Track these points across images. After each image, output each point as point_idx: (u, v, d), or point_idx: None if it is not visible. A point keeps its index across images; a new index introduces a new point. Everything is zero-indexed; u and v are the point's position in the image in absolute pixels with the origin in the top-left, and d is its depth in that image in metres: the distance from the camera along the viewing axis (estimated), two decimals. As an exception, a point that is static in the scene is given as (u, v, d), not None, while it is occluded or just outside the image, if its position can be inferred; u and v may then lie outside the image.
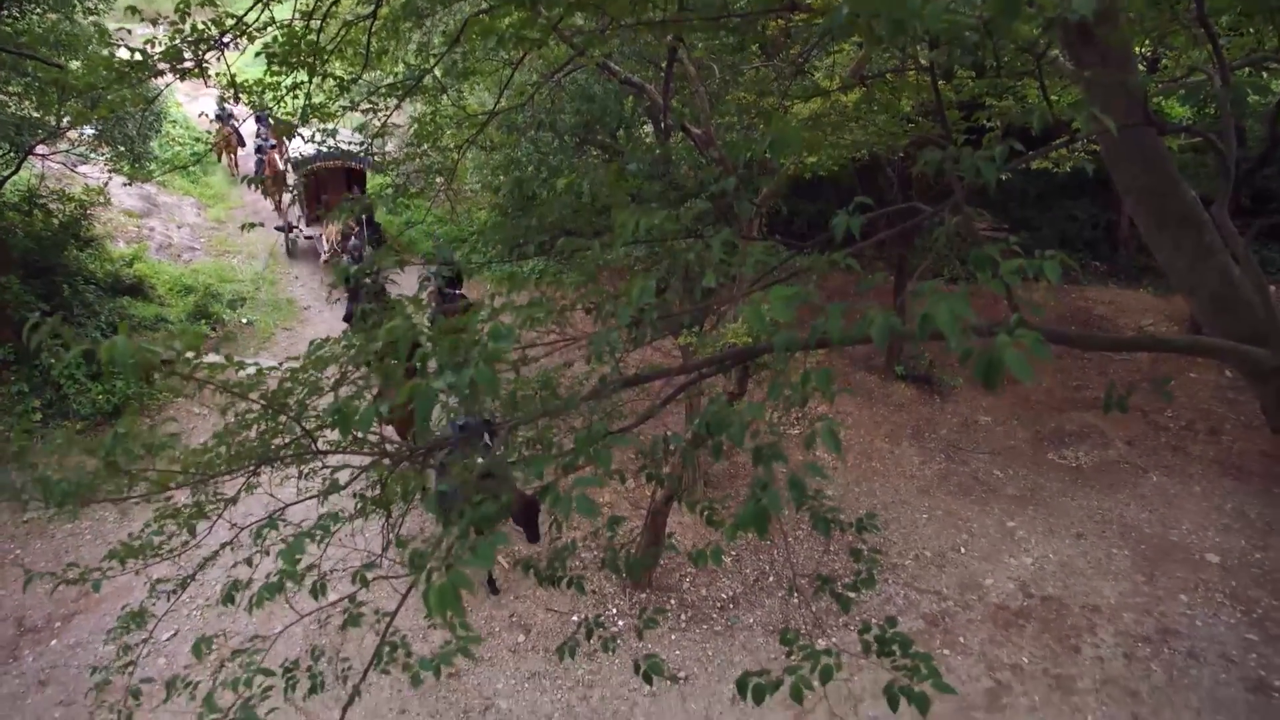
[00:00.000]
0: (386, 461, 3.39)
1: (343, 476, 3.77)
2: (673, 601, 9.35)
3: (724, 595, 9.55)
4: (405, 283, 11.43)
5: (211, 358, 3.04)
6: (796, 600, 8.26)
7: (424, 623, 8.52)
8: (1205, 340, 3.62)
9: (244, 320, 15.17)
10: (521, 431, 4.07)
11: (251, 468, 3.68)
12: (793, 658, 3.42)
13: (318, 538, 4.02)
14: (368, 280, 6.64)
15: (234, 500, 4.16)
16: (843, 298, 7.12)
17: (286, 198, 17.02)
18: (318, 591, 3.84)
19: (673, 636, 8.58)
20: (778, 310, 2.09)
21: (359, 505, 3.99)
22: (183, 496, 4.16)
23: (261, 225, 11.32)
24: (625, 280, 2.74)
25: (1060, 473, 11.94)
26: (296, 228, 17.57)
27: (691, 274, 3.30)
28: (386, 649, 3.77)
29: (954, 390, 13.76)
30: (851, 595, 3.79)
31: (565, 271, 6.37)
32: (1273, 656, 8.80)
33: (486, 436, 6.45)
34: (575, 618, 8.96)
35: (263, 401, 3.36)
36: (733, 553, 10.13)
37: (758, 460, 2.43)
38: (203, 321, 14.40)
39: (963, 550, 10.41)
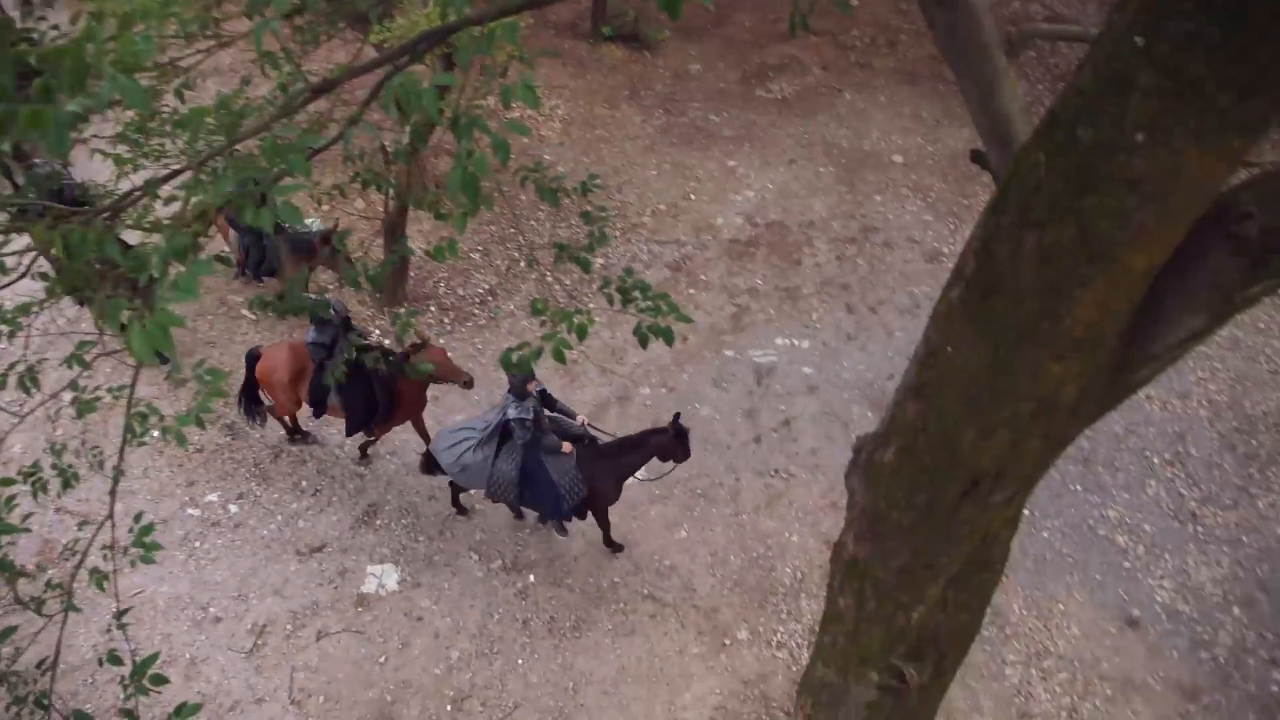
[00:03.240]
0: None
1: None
2: (433, 307, 9.41)
3: (481, 290, 9.72)
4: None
5: None
6: (549, 277, 8.56)
7: (173, 392, 8.11)
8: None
9: None
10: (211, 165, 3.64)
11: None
12: (546, 326, 3.59)
13: (5, 332, 3.57)
14: None
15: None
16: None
17: None
18: (27, 385, 3.47)
19: (441, 340, 8.74)
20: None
21: (48, 288, 3.52)
22: None
23: None
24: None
25: (768, 107, 12.61)
26: None
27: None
28: (135, 419, 3.55)
29: (663, 43, 13.72)
30: (589, 256, 3.95)
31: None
32: (943, 231, 10.43)
33: None
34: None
35: None
36: (480, 248, 10.17)
37: (457, 131, 2.34)
38: None
39: (693, 197, 11.05)
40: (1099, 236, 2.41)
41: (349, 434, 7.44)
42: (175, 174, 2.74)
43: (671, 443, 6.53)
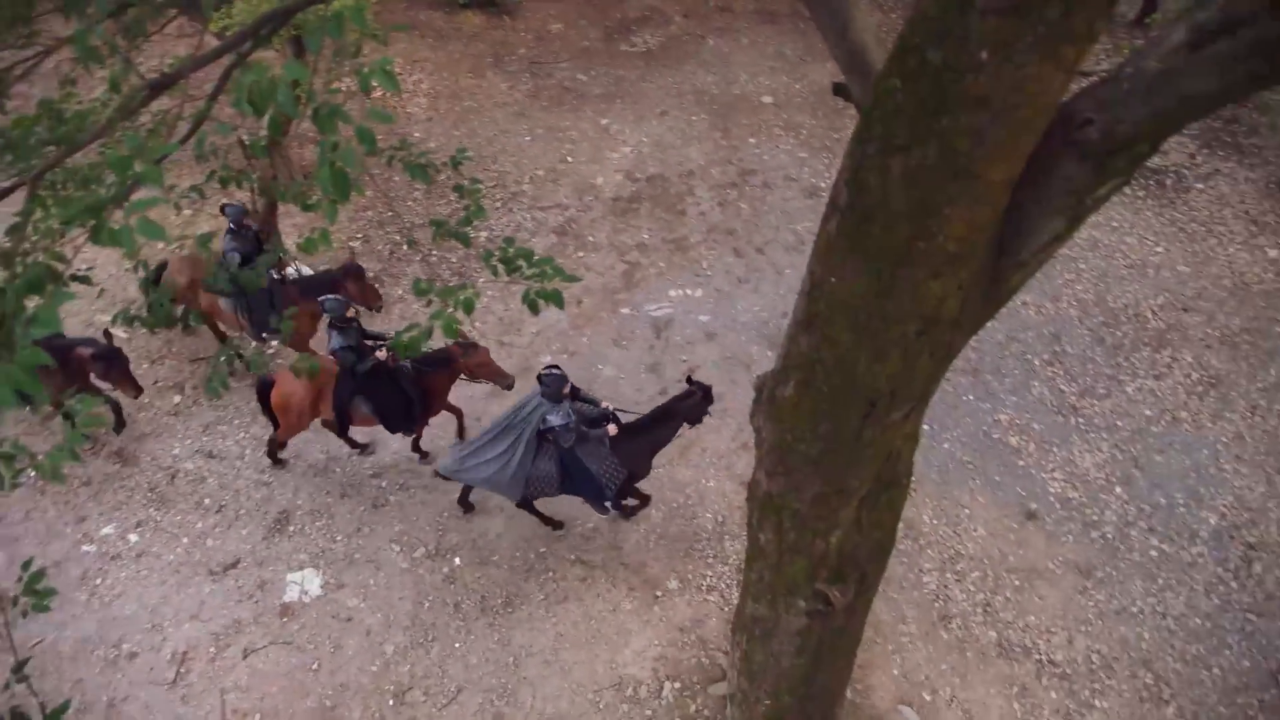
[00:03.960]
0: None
1: None
2: (317, 303, 9.08)
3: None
4: None
5: None
6: (434, 256, 8.37)
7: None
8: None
9: None
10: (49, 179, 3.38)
11: None
12: (433, 304, 3.51)
13: None
14: None
15: None
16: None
17: None
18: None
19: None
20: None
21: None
22: None
23: None
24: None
25: (634, 60, 12.56)
26: None
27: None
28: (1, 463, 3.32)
29: (521, 6, 13.45)
30: (468, 230, 3.87)
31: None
32: (819, 166, 10.67)
33: None
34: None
35: None
36: (359, 235, 9.85)
37: (320, 123, 2.24)
38: None
39: (570, 159, 10.95)
40: (959, 154, 2.51)
41: (392, 431, 7.28)
42: (5, 192, 2.54)
43: (700, 404, 6.51)
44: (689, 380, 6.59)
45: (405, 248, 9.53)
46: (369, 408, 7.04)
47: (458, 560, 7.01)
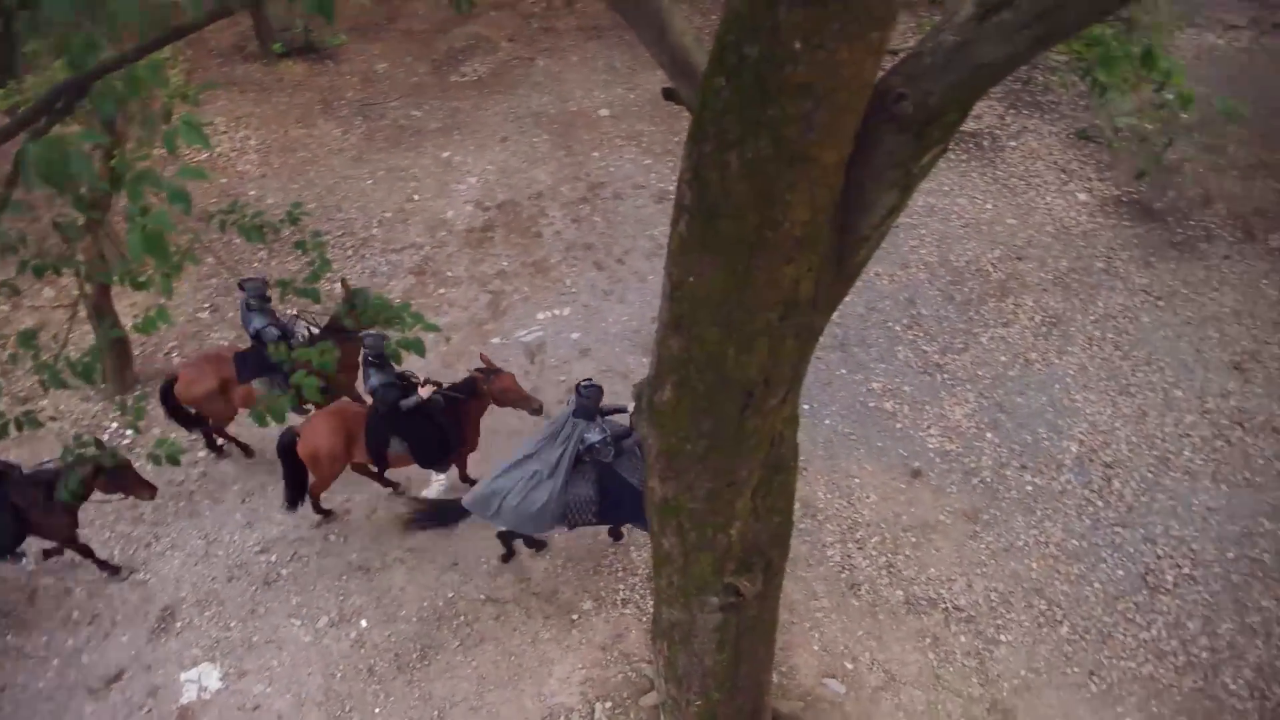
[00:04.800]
0: None
1: None
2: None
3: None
4: None
5: None
6: (294, 311, 8.03)
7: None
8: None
9: None
10: None
11: None
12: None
13: None
14: None
15: None
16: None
17: None
18: None
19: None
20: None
21: None
22: None
23: None
24: None
25: (467, 90, 12.46)
26: None
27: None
28: None
29: (342, 49, 13.12)
30: (316, 287, 3.75)
31: None
32: (664, 171, 10.86)
33: None
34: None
35: None
36: (206, 305, 9.37)
37: (126, 189, 2.11)
38: None
39: (417, 197, 10.75)
40: (790, 142, 2.61)
41: (428, 467, 7.07)
42: None
43: None
44: None
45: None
46: (403, 446, 6.78)
47: (364, 622, 6.74)
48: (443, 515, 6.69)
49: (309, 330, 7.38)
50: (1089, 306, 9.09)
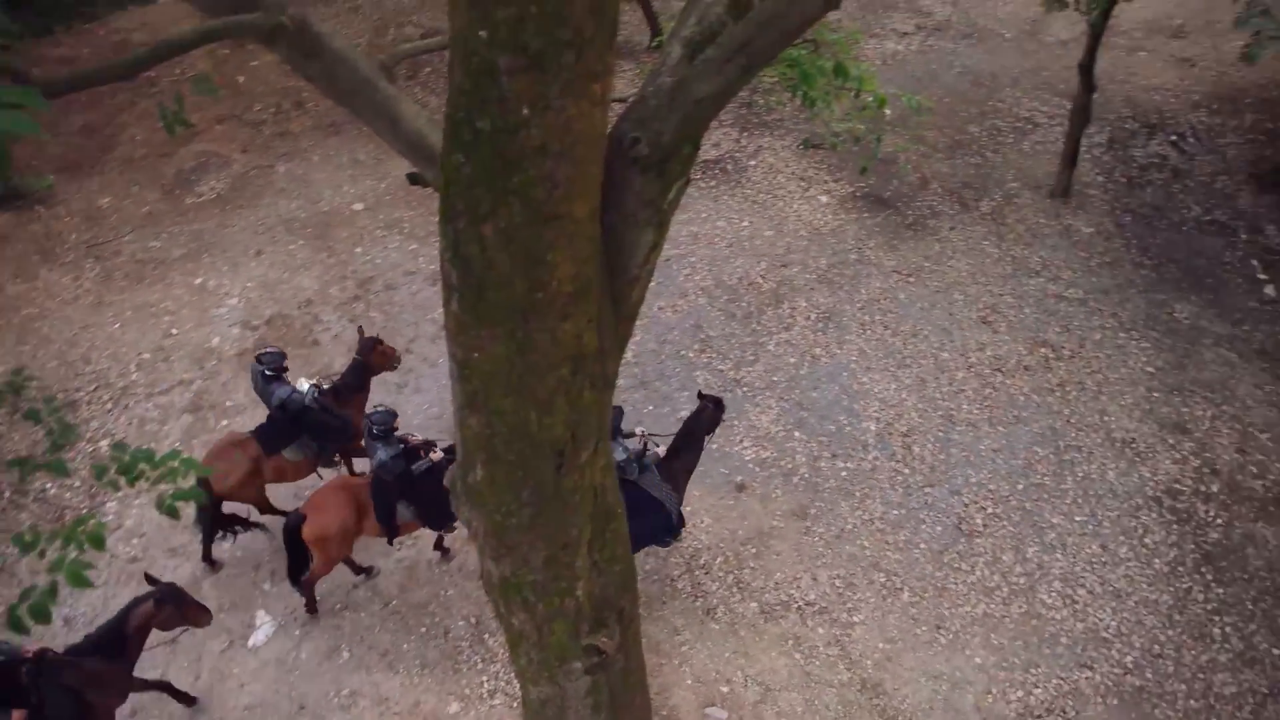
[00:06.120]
0: None
1: None
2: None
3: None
4: None
5: None
6: (49, 490, 7.18)
7: None
8: (204, 28, 3.60)
9: None
10: None
11: None
12: (48, 555, 3.01)
13: None
14: None
15: None
16: None
17: None
18: None
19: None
20: None
21: None
22: None
23: None
24: None
25: (208, 210, 11.77)
26: None
27: None
28: None
29: (52, 192, 12.03)
30: (60, 458, 3.39)
31: None
32: (431, 253, 10.62)
33: None
34: None
35: None
36: (-59, 504, 8.16)
37: None
38: None
39: (175, 331, 9.98)
40: (540, 203, 2.66)
41: (438, 529, 7.09)
42: None
43: (714, 414, 6.82)
44: (700, 395, 7.00)
45: (4, 496, 8.06)
46: (411, 511, 6.72)
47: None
48: None
49: (318, 390, 7.33)
50: (854, 296, 9.86)
